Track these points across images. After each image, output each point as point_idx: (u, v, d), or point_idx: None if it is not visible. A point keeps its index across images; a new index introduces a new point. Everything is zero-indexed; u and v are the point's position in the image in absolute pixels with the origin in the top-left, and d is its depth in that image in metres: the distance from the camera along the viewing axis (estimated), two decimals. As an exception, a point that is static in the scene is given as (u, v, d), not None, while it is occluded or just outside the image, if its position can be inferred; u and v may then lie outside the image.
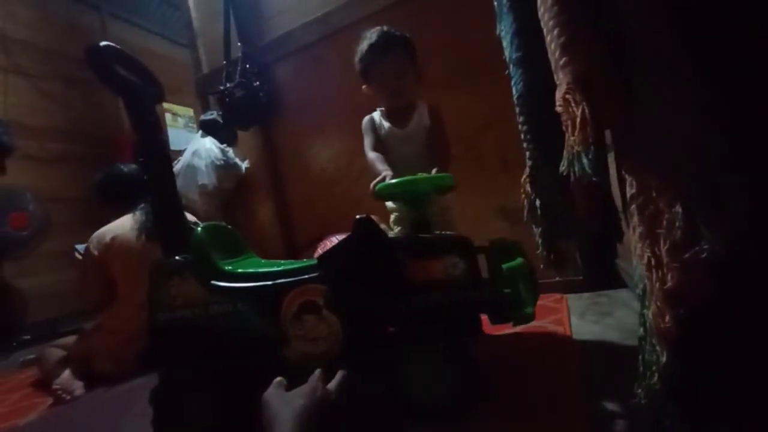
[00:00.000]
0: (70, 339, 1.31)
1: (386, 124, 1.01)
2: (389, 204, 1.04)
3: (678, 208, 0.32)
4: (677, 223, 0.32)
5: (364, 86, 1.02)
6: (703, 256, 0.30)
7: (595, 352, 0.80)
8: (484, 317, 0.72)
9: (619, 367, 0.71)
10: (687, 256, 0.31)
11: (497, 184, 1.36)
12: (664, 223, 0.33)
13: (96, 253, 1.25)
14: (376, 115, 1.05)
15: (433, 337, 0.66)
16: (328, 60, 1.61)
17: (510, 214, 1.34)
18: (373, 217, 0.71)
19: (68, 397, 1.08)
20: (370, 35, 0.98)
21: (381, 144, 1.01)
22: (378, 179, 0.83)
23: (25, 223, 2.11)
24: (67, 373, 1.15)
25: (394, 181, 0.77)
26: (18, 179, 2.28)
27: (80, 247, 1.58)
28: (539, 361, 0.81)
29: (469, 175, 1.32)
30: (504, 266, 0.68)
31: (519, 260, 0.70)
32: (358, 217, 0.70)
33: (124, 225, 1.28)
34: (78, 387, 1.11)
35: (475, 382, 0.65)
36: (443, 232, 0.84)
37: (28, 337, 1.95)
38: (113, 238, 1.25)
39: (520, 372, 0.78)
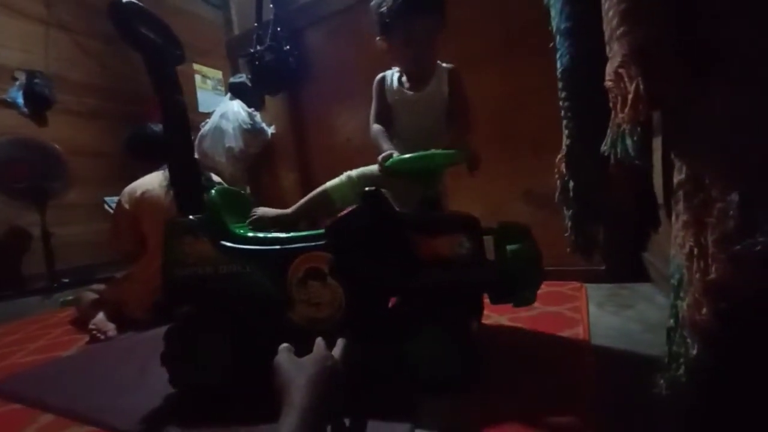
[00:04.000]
0: (104, 285, 1.40)
1: (397, 86, 0.93)
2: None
3: (734, 197, 0.30)
4: (731, 213, 0.30)
5: (379, 38, 0.93)
6: (757, 248, 0.28)
7: (611, 342, 0.78)
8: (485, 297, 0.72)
9: (636, 359, 0.70)
10: (738, 247, 0.29)
11: (526, 167, 1.32)
12: (715, 212, 0.31)
13: (127, 206, 1.31)
14: (389, 74, 0.96)
15: (434, 312, 0.66)
16: (359, 27, 1.55)
17: (536, 198, 1.30)
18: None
19: (102, 337, 1.16)
20: None
21: (388, 110, 0.93)
22: (384, 155, 0.78)
23: (22, 175, 1.95)
24: (101, 316, 1.24)
25: (406, 156, 0.74)
26: (56, 132, 2.37)
27: (109, 200, 1.65)
28: (551, 346, 0.80)
29: (496, 156, 1.28)
30: (508, 248, 0.68)
31: (524, 243, 0.69)
32: (366, 189, 0.69)
33: (152, 181, 1.33)
34: (111, 329, 1.20)
35: (471, 360, 0.66)
36: (452, 211, 0.82)
37: (67, 280, 2.10)
38: (143, 193, 1.30)
39: (529, 355, 0.77)
